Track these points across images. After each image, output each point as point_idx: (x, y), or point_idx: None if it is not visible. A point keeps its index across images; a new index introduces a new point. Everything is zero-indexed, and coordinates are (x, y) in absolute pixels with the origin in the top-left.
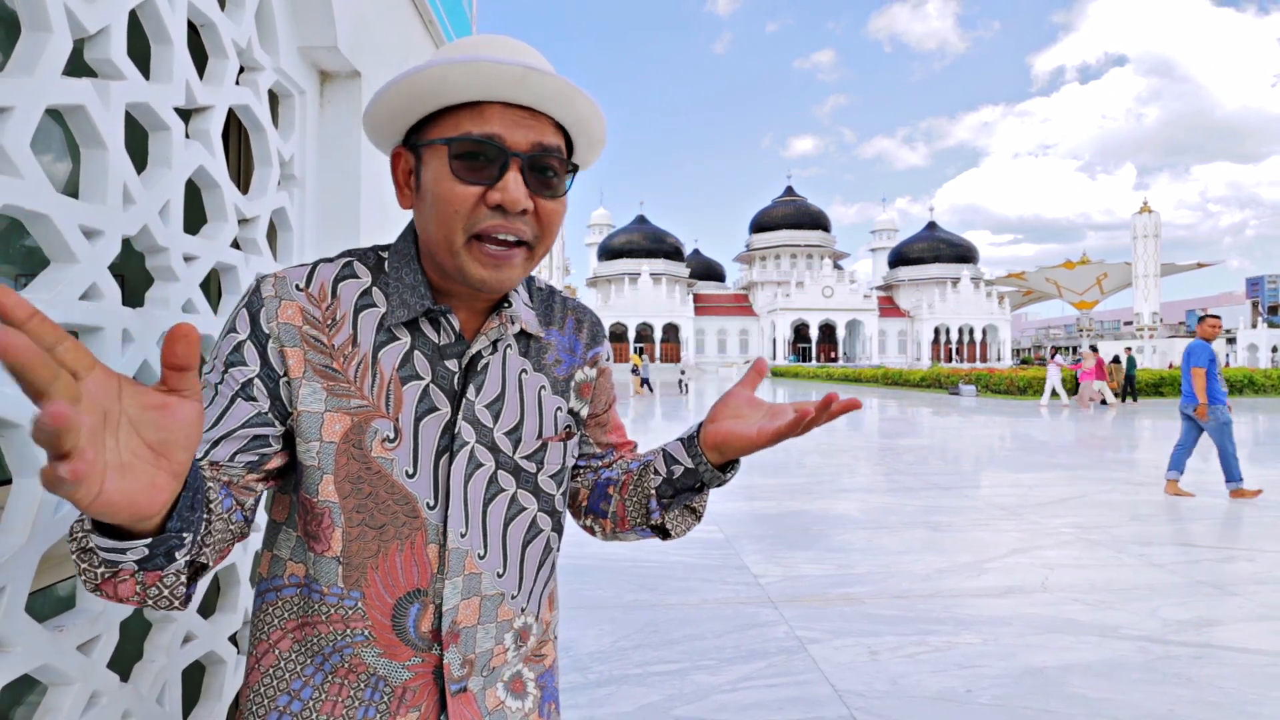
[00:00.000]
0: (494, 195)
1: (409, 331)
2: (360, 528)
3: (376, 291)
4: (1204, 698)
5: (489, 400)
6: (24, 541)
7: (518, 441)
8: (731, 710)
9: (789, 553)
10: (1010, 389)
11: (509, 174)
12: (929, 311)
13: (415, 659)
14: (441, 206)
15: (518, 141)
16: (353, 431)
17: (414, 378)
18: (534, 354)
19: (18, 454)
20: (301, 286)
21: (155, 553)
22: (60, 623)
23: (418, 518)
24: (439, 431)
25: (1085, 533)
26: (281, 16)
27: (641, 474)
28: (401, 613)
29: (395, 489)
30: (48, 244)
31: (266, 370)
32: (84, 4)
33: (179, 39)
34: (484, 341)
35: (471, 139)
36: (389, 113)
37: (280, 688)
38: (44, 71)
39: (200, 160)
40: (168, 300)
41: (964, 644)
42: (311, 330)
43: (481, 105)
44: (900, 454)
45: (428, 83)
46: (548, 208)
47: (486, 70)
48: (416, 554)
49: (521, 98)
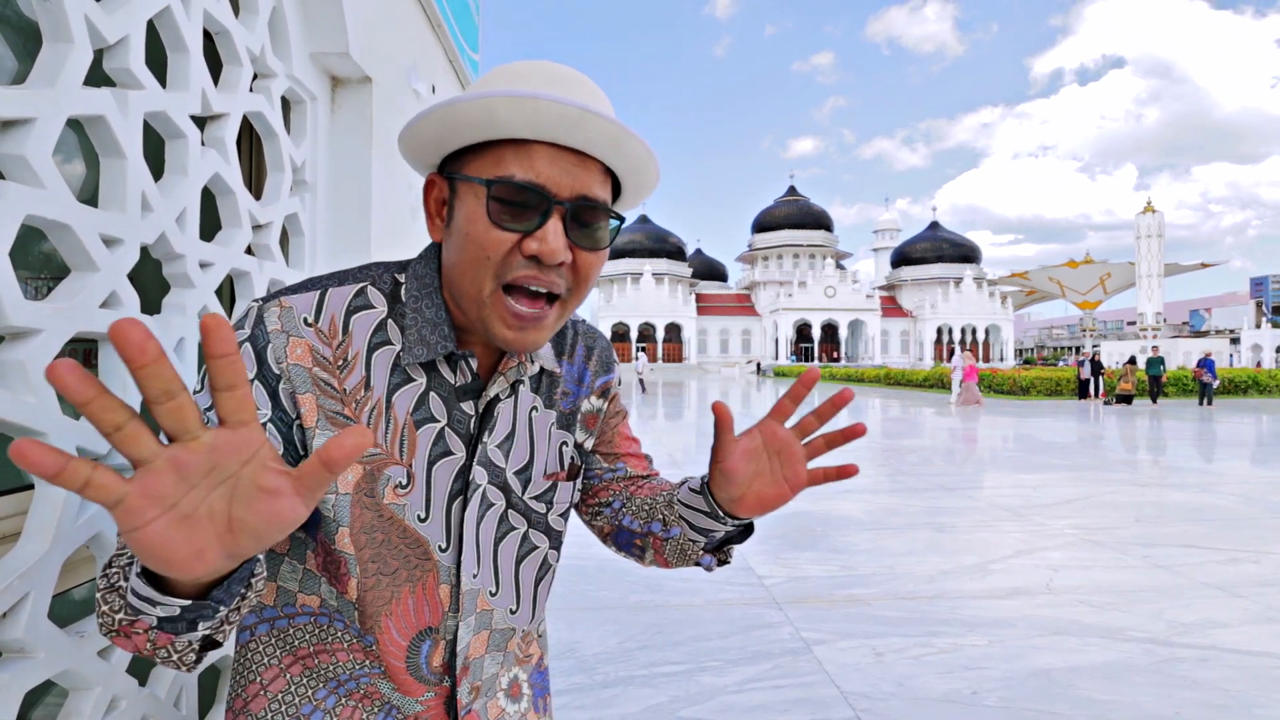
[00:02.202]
0: (530, 245)
1: (425, 372)
2: (375, 576)
3: (392, 326)
4: (1209, 700)
5: (500, 440)
6: (47, 549)
7: (527, 482)
8: (737, 712)
9: (793, 553)
10: (1013, 389)
11: (549, 223)
12: (932, 311)
13: (428, 694)
14: (473, 250)
15: (562, 188)
16: (365, 480)
17: (429, 420)
18: (545, 390)
19: None
20: (310, 321)
21: (183, 617)
22: (81, 628)
23: (430, 560)
24: (452, 476)
25: (1089, 534)
26: (294, 23)
27: (679, 547)
28: (414, 651)
29: (407, 534)
30: (69, 253)
31: (279, 413)
32: (104, 14)
33: (195, 47)
34: (502, 384)
35: (514, 183)
36: (426, 139)
37: (290, 713)
38: (65, 82)
39: (216, 167)
40: (184, 307)
41: (969, 646)
42: (322, 373)
43: (529, 144)
44: (903, 454)
45: (473, 115)
46: (586, 260)
47: (540, 108)
48: (429, 594)
49: (573, 141)
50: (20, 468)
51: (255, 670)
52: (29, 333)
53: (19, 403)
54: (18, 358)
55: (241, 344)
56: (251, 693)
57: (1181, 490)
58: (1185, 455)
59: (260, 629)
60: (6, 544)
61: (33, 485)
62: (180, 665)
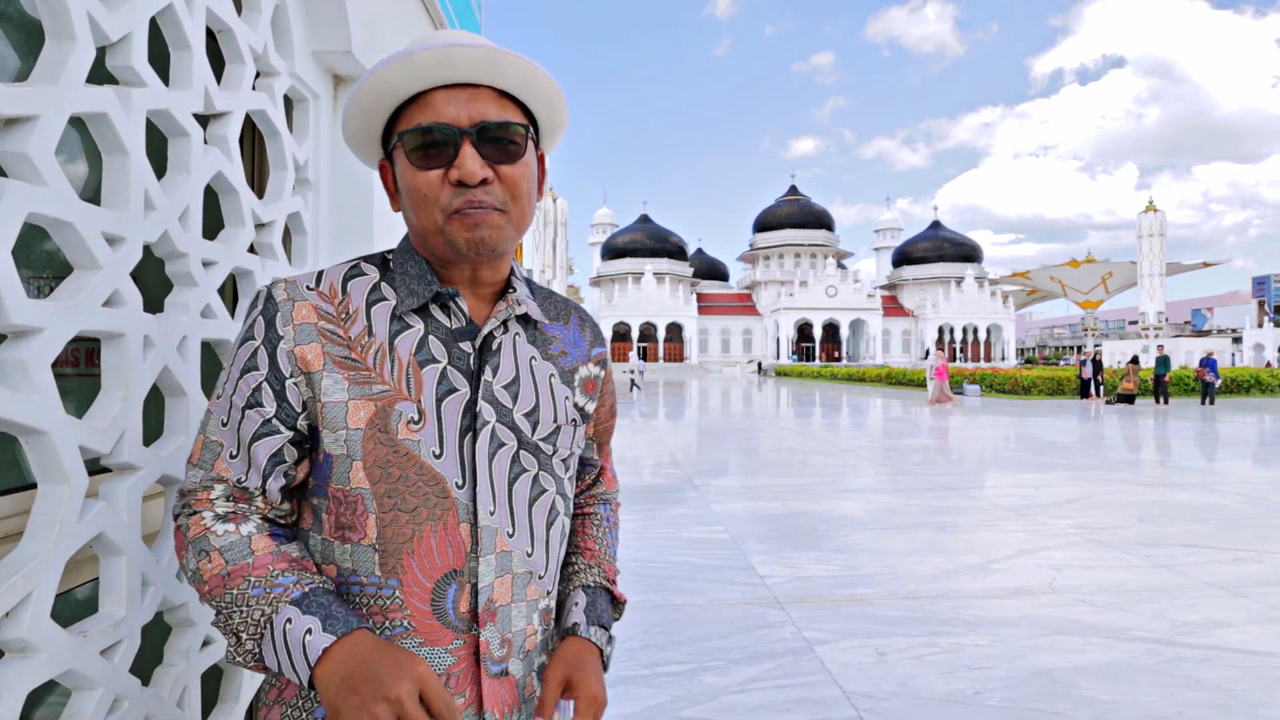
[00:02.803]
0: (452, 173)
1: (420, 319)
2: (393, 513)
3: (385, 286)
4: (1213, 700)
5: (506, 382)
6: (50, 548)
7: (535, 423)
8: (740, 712)
9: (795, 553)
10: (1015, 389)
11: (463, 149)
12: (933, 311)
13: (456, 641)
14: (415, 196)
15: (461, 119)
16: (377, 417)
17: (431, 361)
18: (540, 343)
19: (44, 460)
20: (311, 287)
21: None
22: (84, 628)
23: (448, 498)
24: (460, 412)
25: (1092, 534)
26: (296, 21)
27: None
28: (440, 595)
29: (424, 470)
30: (71, 251)
31: (273, 373)
32: (106, 12)
33: (198, 45)
34: (494, 322)
35: (420, 128)
36: (357, 129)
37: (319, 699)
38: (68, 80)
39: (218, 166)
40: (187, 306)
41: (972, 645)
42: (327, 325)
43: (424, 96)
44: (905, 454)
45: (371, 89)
46: (510, 173)
47: (414, 60)
48: (450, 534)
49: (452, 77)
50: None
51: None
52: (31, 331)
53: (22, 401)
54: (20, 356)
55: (255, 318)
56: (272, 699)
57: (1184, 490)
58: (1188, 455)
59: None
60: (9, 543)
61: (35, 485)
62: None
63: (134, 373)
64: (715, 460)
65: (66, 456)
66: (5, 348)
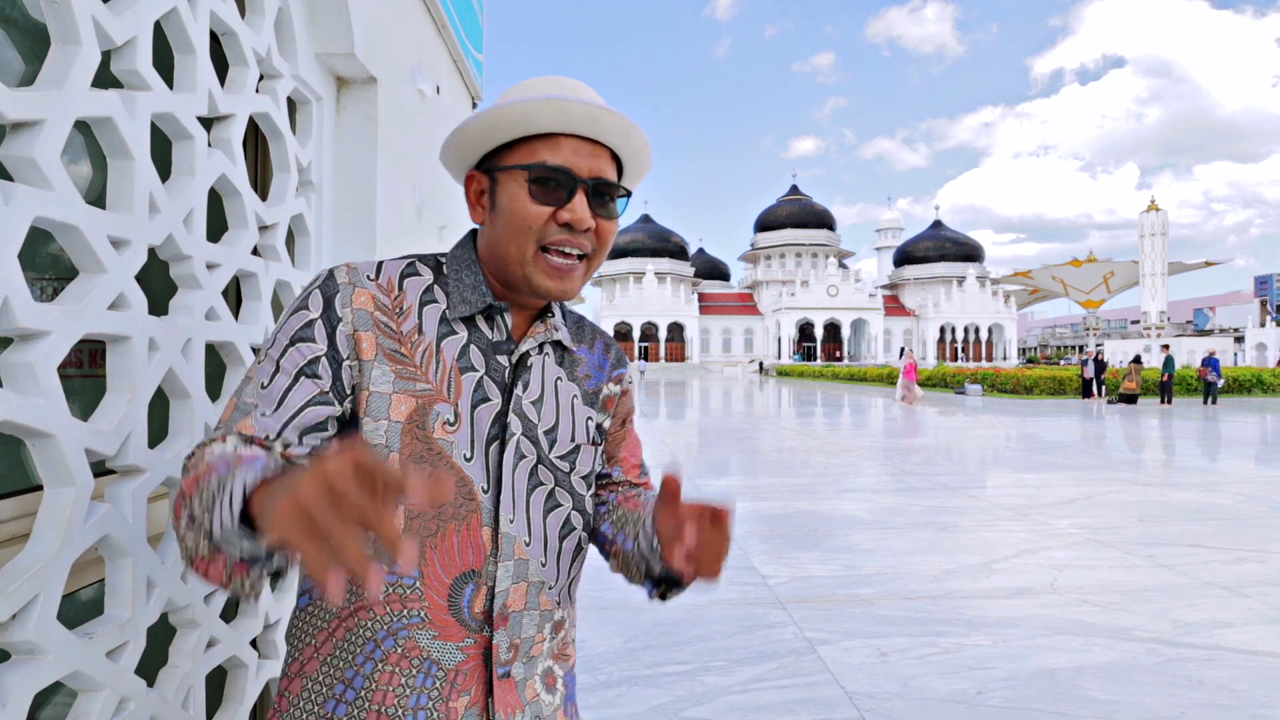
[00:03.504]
0: (564, 215)
1: (465, 326)
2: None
3: (438, 289)
4: (1215, 700)
5: (533, 399)
6: (56, 550)
7: (554, 441)
8: (742, 712)
9: (796, 553)
10: (1017, 388)
11: (577, 197)
12: (934, 310)
13: (468, 639)
14: (518, 222)
15: (583, 170)
16: (417, 413)
17: (470, 369)
18: (567, 365)
19: (50, 462)
20: (372, 277)
21: (269, 556)
22: (90, 630)
23: (474, 500)
24: (490, 421)
25: (1093, 534)
26: (300, 24)
27: (628, 564)
28: (457, 592)
29: (455, 470)
30: (77, 255)
31: (333, 351)
32: (111, 16)
33: (202, 48)
34: (531, 342)
35: (547, 167)
36: (471, 140)
37: (337, 677)
38: (73, 84)
39: (222, 168)
40: (191, 308)
41: (973, 645)
42: (382, 317)
43: (556, 137)
44: (906, 454)
45: (512, 116)
46: (605, 226)
47: (566, 109)
48: (473, 535)
49: (593, 133)
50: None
51: (307, 639)
52: (38, 335)
53: (29, 404)
54: (27, 359)
55: (312, 291)
56: (294, 671)
57: (1186, 490)
58: (1190, 455)
59: (310, 595)
60: (14, 545)
61: (39, 487)
62: (249, 594)
63: (139, 375)
64: (716, 460)
65: (73, 459)
66: (12, 351)
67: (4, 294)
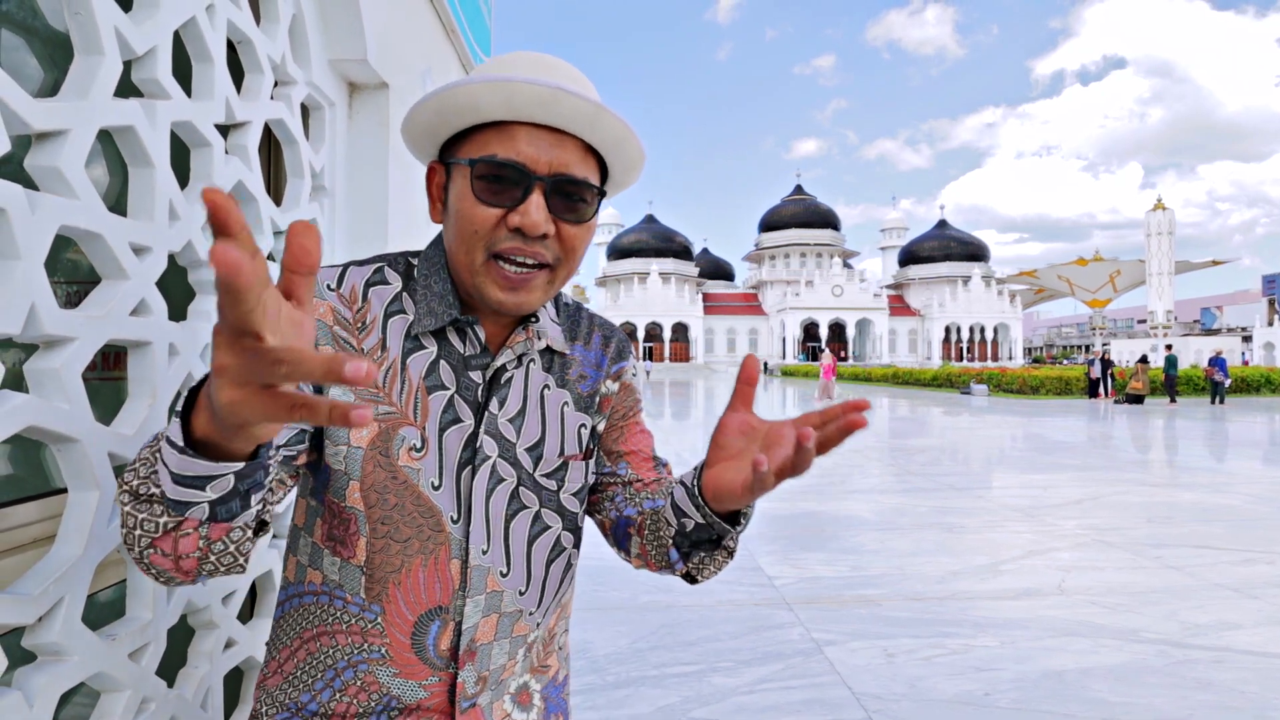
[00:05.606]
0: (514, 218)
1: (435, 341)
2: (385, 540)
3: (406, 298)
4: (1224, 702)
5: (511, 415)
6: (80, 552)
7: (539, 459)
8: (749, 713)
9: (802, 554)
10: (1022, 388)
11: (531, 198)
12: (940, 310)
13: (433, 678)
14: (463, 225)
15: (540, 165)
16: (380, 439)
17: (439, 387)
18: (557, 370)
19: (74, 466)
20: (333, 287)
21: (239, 488)
22: (112, 631)
23: (442, 532)
24: (461, 444)
25: (1100, 534)
26: (313, 31)
27: (655, 523)
28: (421, 630)
29: (421, 501)
30: (100, 262)
31: None
32: (132, 26)
33: (219, 57)
34: (508, 355)
35: (494, 161)
36: (422, 128)
37: (293, 696)
38: (97, 94)
39: (239, 175)
40: (209, 314)
41: (981, 646)
42: (342, 331)
43: (510, 126)
44: (912, 454)
45: (459, 100)
46: (570, 232)
47: (516, 90)
48: (440, 569)
49: (549, 119)
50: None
51: (276, 651)
52: (63, 341)
53: (54, 409)
54: (52, 365)
55: None
56: (259, 680)
57: (1193, 490)
58: (1197, 455)
59: (285, 606)
60: (38, 548)
61: (66, 489)
62: (238, 559)
63: (160, 380)
64: None
65: (97, 463)
66: (38, 357)
67: (31, 301)
